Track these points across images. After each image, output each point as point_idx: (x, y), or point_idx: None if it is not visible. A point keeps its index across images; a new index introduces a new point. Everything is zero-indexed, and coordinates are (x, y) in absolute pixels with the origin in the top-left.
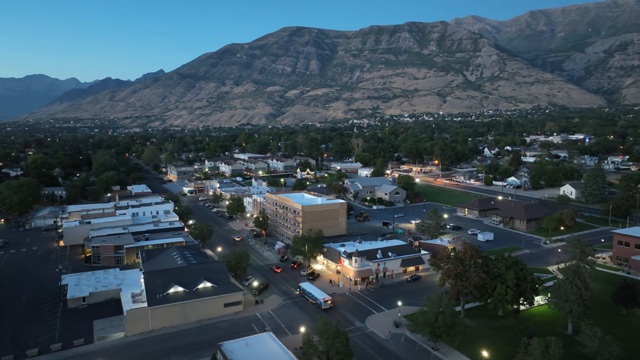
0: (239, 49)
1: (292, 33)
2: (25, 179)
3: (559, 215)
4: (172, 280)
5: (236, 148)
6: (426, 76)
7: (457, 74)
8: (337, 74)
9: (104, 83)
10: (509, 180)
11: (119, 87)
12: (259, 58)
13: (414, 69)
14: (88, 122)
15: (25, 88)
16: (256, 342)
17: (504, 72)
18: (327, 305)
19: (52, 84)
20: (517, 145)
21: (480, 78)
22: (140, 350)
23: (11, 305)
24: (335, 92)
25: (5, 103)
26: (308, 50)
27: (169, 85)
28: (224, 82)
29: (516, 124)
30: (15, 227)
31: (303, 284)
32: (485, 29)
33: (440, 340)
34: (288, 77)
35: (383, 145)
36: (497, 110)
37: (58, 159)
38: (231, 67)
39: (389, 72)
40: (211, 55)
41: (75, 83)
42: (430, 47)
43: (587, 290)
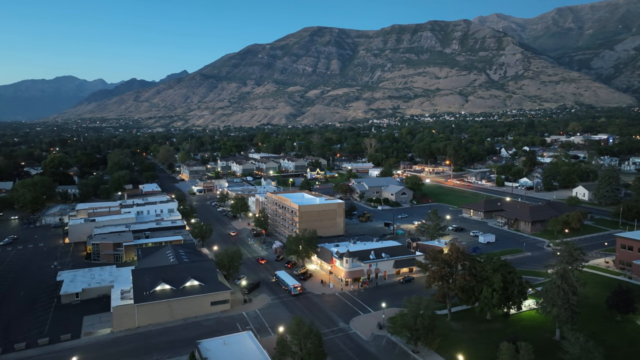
0: (261, 49)
1: (313, 33)
2: (39, 177)
3: (564, 217)
4: (160, 278)
5: (252, 148)
6: (448, 75)
7: (480, 73)
8: (358, 73)
9: (129, 84)
10: (521, 181)
11: (143, 87)
12: (280, 58)
13: (436, 68)
14: (113, 122)
15: (55, 89)
16: (234, 340)
17: (529, 70)
18: (297, 291)
19: (81, 85)
20: (537, 145)
21: (504, 77)
22: (123, 346)
23: (9, 300)
24: (355, 92)
25: (37, 104)
26: (329, 50)
27: (192, 86)
28: (246, 82)
29: (538, 124)
30: (26, 224)
31: (278, 272)
32: (509, 27)
33: (419, 342)
34: (309, 77)
35: (397, 146)
36: (521, 110)
37: (76, 158)
38: (253, 67)
39: (410, 72)
40: (233, 56)
41: (102, 84)
42: (452, 45)
43: (574, 295)
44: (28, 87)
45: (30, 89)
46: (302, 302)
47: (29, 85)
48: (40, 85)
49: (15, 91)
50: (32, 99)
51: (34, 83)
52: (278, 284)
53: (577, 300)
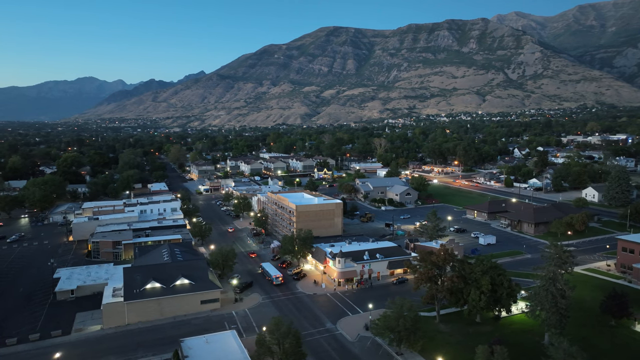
0: (277, 49)
1: (329, 33)
2: (50, 176)
3: (568, 219)
4: (151, 277)
5: (264, 148)
6: (465, 75)
7: (498, 72)
8: (374, 73)
9: (147, 84)
10: (531, 182)
11: (161, 88)
12: (296, 58)
13: (453, 67)
14: (132, 122)
15: (76, 90)
16: (217, 339)
17: (548, 69)
18: (278, 281)
19: (101, 85)
20: (552, 145)
21: (522, 76)
22: (111, 343)
23: (7, 296)
24: (371, 91)
25: (59, 104)
26: (345, 50)
27: (209, 86)
28: (262, 82)
29: (556, 123)
30: (34, 222)
31: (264, 264)
32: (529, 26)
33: (403, 344)
34: (324, 77)
35: (408, 146)
36: (540, 110)
37: (89, 158)
38: (269, 67)
39: (426, 71)
40: (250, 57)
41: (122, 85)
42: (470, 44)
43: (563, 299)
44: (51, 88)
45: (53, 90)
46: (292, 301)
47: (51, 86)
48: (62, 86)
49: (39, 92)
50: (54, 100)
51: (56, 84)
52: (263, 275)
53: (565, 304)
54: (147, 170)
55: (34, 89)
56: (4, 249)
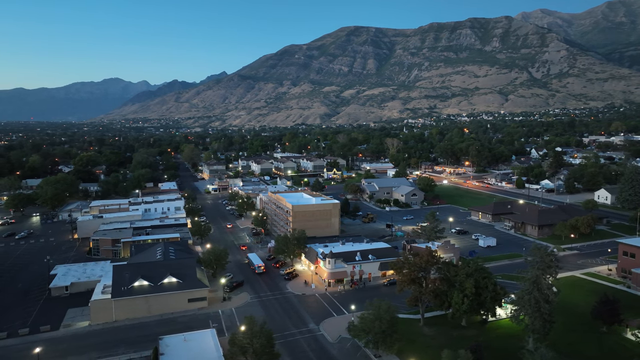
0: (297, 50)
1: (349, 33)
2: (63, 175)
3: (573, 221)
4: (139, 274)
5: (278, 148)
6: (487, 74)
7: (522, 71)
8: (394, 73)
9: (171, 85)
10: (543, 183)
11: (184, 89)
12: (316, 58)
13: (475, 66)
14: (155, 122)
15: (102, 91)
16: (195, 338)
17: (574, 68)
18: (260, 270)
19: (126, 86)
20: (572, 146)
21: (547, 75)
22: (95, 339)
23: (6, 291)
24: (391, 91)
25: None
26: (365, 50)
27: (230, 87)
28: (282, 82)
29: (579, 123)
30: (44, 220)
31: (250, 254)
32: (555, 23)
33: (380, 346)
34: (345, 77)
35: (422, 146)
36: (564, 109)
37: (105, 157)
38: (289, 67)
39: (448, 70)
40: (270, 57)
41: (146, 85)
42: (493, 43)
43: (547, 304)
44: (78, 89)
45: (80, 91)
46: (279, 301)
47: (79, 88)
48: (89, 87)
49: (67, 93)
50: (81, 101)
51: (83, 85)
52: (249, 265)
53: (549, 309)
54: (160, 169)
55: (62, 90)
56: (12, 245)
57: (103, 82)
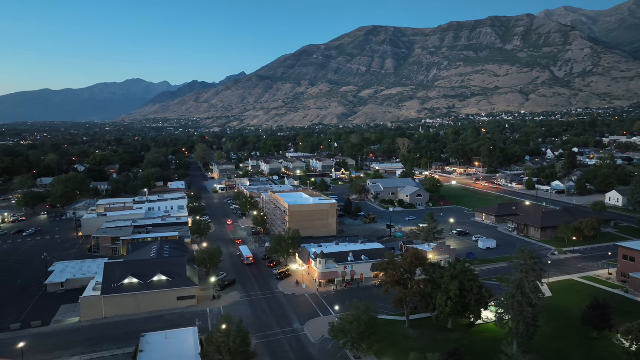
0: (316, 50)
1: (368, 32)
2: (73, 173)
3: (577, 224)
4: (129, 272)
5: (292, 148)
6: (508, 73)
7: (543, 70)
8: (413, 72)
9: (190, 86)
10: (553, 185)
11: (203, 89)
12: (334, 58)
13: (495, 65)
14: (174, 122)
15: (125, 91)
16: (176, 335)
17: (598, 66)
18: (249, 261)
19: (148, 87)
20: (590, 146)
21: (570, 74)
22: (83, 335)
23: (6, 287)
24: (409, 91)
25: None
26: (384, 49)
27: (249, 87)
28: (300, 82)
29: (601, 123)
30: (53, 217)
31: (241, 246)
32: (579, 21)
33: (357, 347)
34: (363, 77)
35: (435, 146)
36: (588, 109)
37: (119, 156)
38: (307, 68)
39: (467, 70)
40: (289, 57)
41: (167, 86)
42: (514, 42)
43: (530, 307)
44: (101, 90)
45: (104, 92)
46: (268, 301)
47: (102, 88)
48: (112, 88)
49: (90, 94)
50: (104, 101)
51: (106, 86)
52: (240, 257)
53: (532, 312)
54: (172, 168)
55: (86, 91)
56: (19, 242)
57: (125, 82)
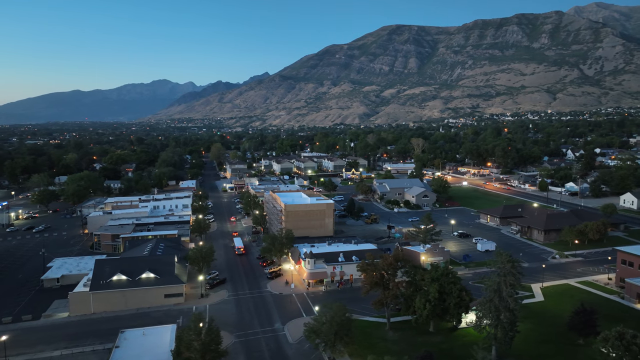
0: (338, 49)
1: (391, 32)
2: (87, 172)
3: (582, 227)
4: (118, 269)
5: (307, 147)
6: (535, 72)
7: (572, 69)
8: (437, 71)
9: (215, 86)
10: (567, 186)
11: (227, 89)
12: (357, 58)
13: (522, 64)
14: (198, 122)
15: (151, 92)
16: (154, 332)
17: (631, 64)
18: (240, 251)
19: (173, 87)
20: (615, 147)
21: (600, 72)
22: (69, 330)
23: (7, 281)
24: (433, 90)
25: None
26: (407, 49)
27: (271, 87)
28: (322, 82)
29: (631, 123)
30: (64, 215)
31: (235, 238)
32: (611, 17)
33: (329, 348)
34: (385, 77)
35: (450, 146)
36: (618, 108)
37: (136, 155)
38: (330, 67)
39: (492, 69)
40: (311, 57)
41: (192, 86)
42: (541, 39)
43: (508, 312)
44: (129, 91)
45: (131, 92)
46: (255, 300)
47: (129, 89)
48: (139, 88)
49: (119, 94)
50: (132, 101)
51: (134, 87)
52: (233, 248)
53: (509, 317)
54: (186, 167)
55: (114, 92)
56: (27, 238)
57: (152, 83)
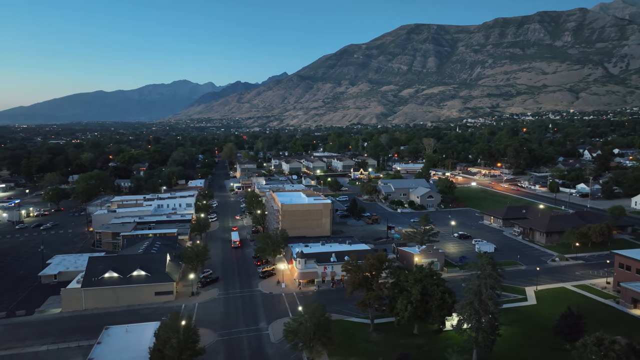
0: (357, 49)
1: (410, 31)
2: (97, 171)
3: (585, 229)
4: (110, 266)
5: (320, 147)
6: (557, 70)
7: (596, 67)
8: (456, 71)
9: (234, 86)
10: (578, 187)
11: (246, 89)
12: (375, 58)
13: (543, 63)
14: (217, 122)
15: (172, 92)
16: (137, 329)
17: None
18: (236, 244)
19: (193, 88)
20: (636, 147)
21: (626, 70)
22: (59, 325)
23: (8, 277)
24: (452, 90)
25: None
26: (426, 48)
27: (289, 87)
28: (340, 82)
29: None
30: (72, 213)
31: (232, 232)
32: (639, 14)
33: (306, 349)
34: (403, 76)
35: (463, 146)
36: None
37: (149, 155)
38: (348, 67)
39: (513, 67)
40: (330, 57)
41: (212, 87)
42: (564, 37)
43: (487, 315)
44: (150, 91)
45: (152, 93)
46: (244, 299)
47: (151, 89)
48: (160, 89)
49: (140, 95)
50: (153, 102)
51: (155, 87)
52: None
53: (490, 320)
54: (197, 167)
55: (136, 92)
56: (35, 235)
57: (172, 84)
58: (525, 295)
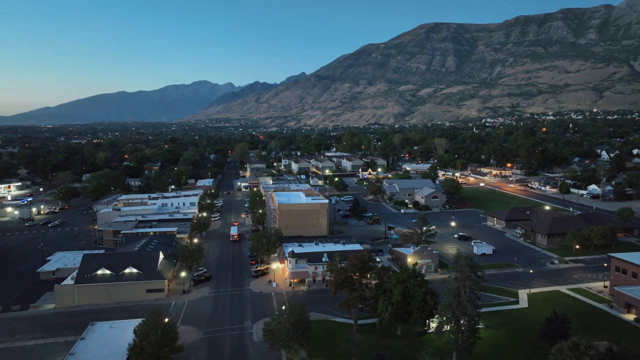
0: (375, 49)
1: (429, 30)
2: (107, 170)
3: (587, 231)
4: (103, 264)
5: (333, 147)
6: (580, 69)
7: (622, 65)
8: (475, 70)
9: (252, 87)
10: (590, 189)
11: (264, 89)
12: (393, 57)
13: (566, 61)
14: (235, 122)
15: (192, 92)
16: (122, 326)
17: None
18: (234, 238)
19: (213, 88)
20: None
21: None
22: (51, 321)
23: (10, 273)
24: (471, 89)
25: (177, 106)
26: (445, 47)
27: (307, 87)
28: (358, 82)
29: None
30: (80, 211)
31: (232, 227)
32: None
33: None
34: (422, 76)
35: (476, 146)
36: None
37: (161, 154)
38: (366, 67)
39: (534, 66)
40: (348, 57)
41: (231, 87)
42: (588, 35)
43: (466, 317)
44: (170, 92)
45: (173, 93)
46: (233, 297)
47: (171, 90)
48: (180, 89)
49: (161, 95)
50: (173, 102)
51: (175, 88)
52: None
53: (469, 322)
54: (208, 166)
55: (157, 93)
56: (42, 232)
57: (192, 84)
58: (517, 298)
